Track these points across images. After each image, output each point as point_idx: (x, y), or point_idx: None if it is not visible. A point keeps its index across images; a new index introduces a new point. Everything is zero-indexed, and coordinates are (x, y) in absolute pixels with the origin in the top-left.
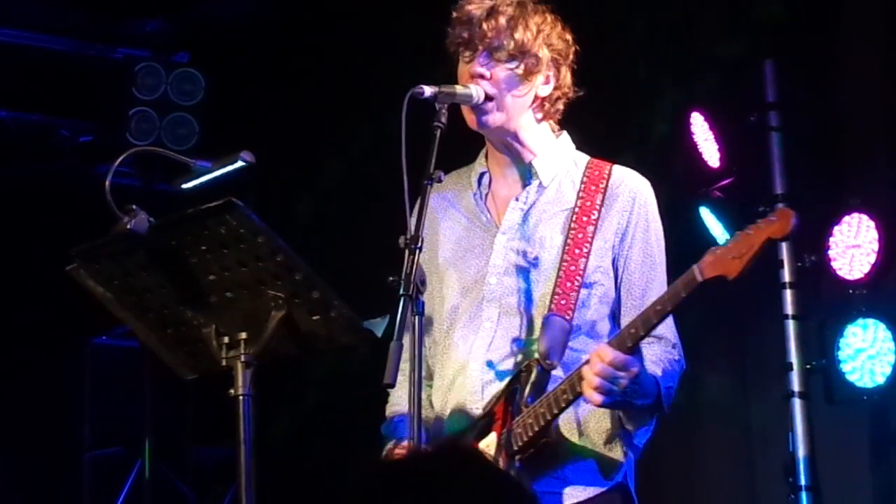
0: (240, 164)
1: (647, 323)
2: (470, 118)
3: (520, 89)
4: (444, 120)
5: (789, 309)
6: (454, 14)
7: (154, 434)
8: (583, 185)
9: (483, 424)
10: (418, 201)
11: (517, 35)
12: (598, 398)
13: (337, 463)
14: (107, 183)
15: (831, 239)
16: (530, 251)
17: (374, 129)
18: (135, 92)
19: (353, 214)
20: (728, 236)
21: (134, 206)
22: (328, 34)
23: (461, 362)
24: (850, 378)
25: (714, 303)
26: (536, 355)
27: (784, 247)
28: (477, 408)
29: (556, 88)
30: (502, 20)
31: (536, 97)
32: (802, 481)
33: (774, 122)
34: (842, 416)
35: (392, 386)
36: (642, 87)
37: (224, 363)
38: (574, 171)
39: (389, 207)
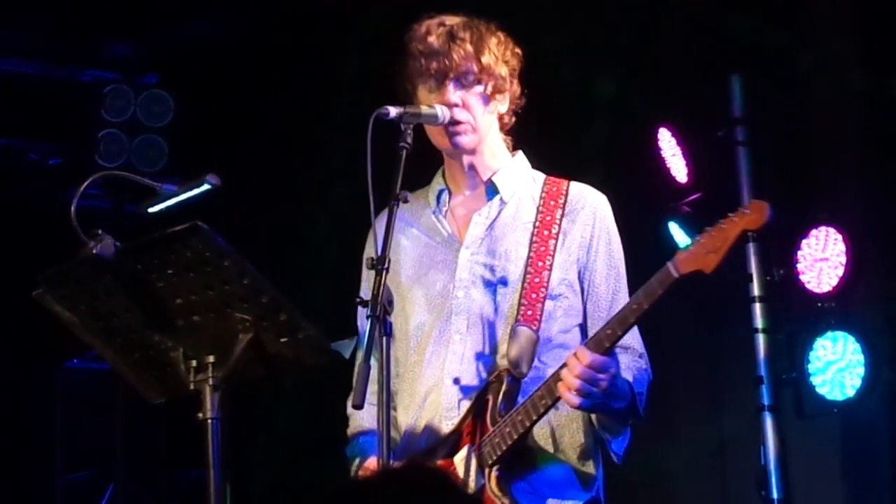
0: (206, 187)
1: (624, 322)
2: (440, 140)
3: (488, 109)
4: (409, 140)
5: (759, 322)
6: (413, 45)
7: (126, 457)
8: (542, 201)
9: (454, 440)
10: (384, 222)
11: (483, 59)
12: (576, 400)
13: (310, 485)
14: (72, 208)
15: (799, 252)
16: (496, 264)
17: (343, 149)
18: (103, 114)
19: (321, 234)
20: None
21: (100, 231)
22: (296, 55)
23: (434, 379)
24: (821, 391)
25: (684, 317)
26: (506, 365)
27: (752, 261)
28: (452, 423)
29: (510, 102)
30: (468, 47)
31: (498, 113)
32: (774, 494)
33: (741, 136)
34: (813, 428)
35: (360, 407)
36: (609, 103)
37: (192, 387)
38: (533, 187)
39: (357, 228)
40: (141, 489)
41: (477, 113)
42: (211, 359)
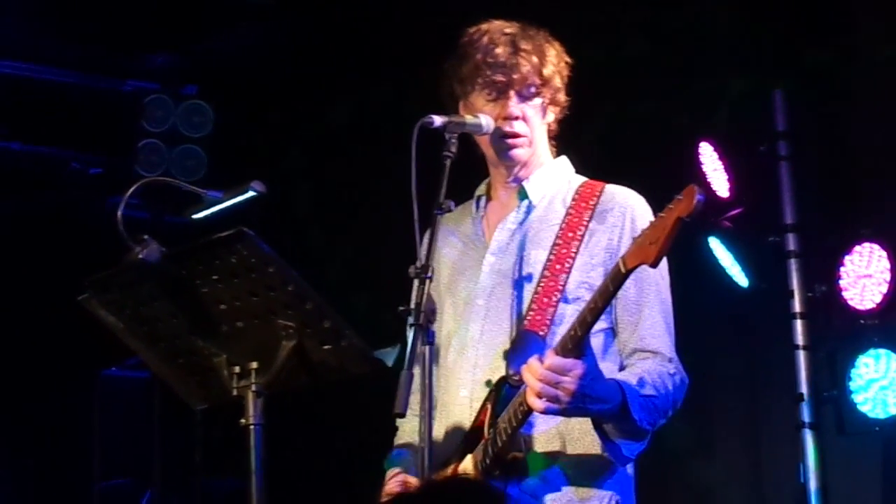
0: (251, 194)
1: (584, 323)
2: (492, 150)
3: (544, 120)
4: (454, 150)
5: (800, 339)
6: (474, 52)
7: (163, 465)
8: (573, 203)
9: (463, 447)
10: (428, 231)
11: (545, 72)
12: (540, 405)
13: (349, 493)
14: (119, 213)
15: (842, 269)
16: (516, 269)
17: (384, 159)
18: (144, 124)
19: (363, 245)
20: (738, 267)
21: (146, 237)
22: (336, 65)
23: (451, 389)
24: (862, 409)
25: (725, 333)
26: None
27: (794, 277)
28: (461, 434)
29: (560, 111)
30: (533, 59)
31: (546, 122)
32: None
33: (784, 151)
34: (853, 447)
35: (402, 415)
36: (651, 117)
37: (235, 393)
38: (567, 191)
39: (400, 238)
40: (177, 497)
41: (535, 125)
42: (254, 365)
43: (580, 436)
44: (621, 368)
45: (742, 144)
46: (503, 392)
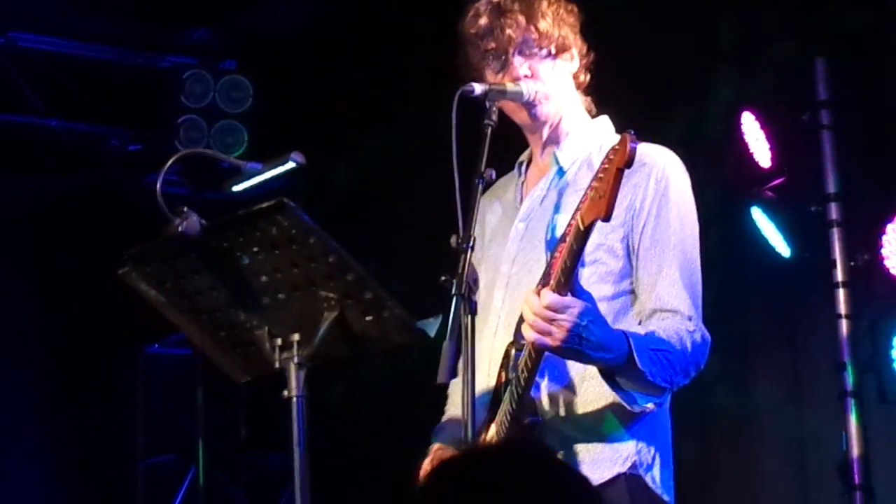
0: (291, 164)
1: (559, 282)
2: (520, 115)
3: (558, 73)
4: (494, 118)
5: (842, 308)
6: (467, 30)
7: (207, 441)
8: (602, 165)
9: (488, 417)
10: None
11: (540, 25)
12: (532, 335)
13: (392, 466)
14: (158, 186)
15: (884, 237)
16: (539, 236)
17: (424, 130)
18: (183, 100)
19: (404, 215)
20: (780, 236)
21: (185, 209)
22: (376, 39)
23: (480, 355)
24: None
25: (767, 303)
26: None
27: (836, 246)
28: (485, 403)
29: (579, 58)
30: (520, 17)
31: (571, 74)
32: (856, 480)
33: (826, 120)
34: (895, 415)
35: (445, 385)
36: (693, 87)
37: (277, 365)
38: (598, 154)
39: (441, 208)
40: (222, 473)
41: (548, 79)
42: (296, 337)
43: (593, 400)
44: None
45: (784, 114)
46: (514, 358)
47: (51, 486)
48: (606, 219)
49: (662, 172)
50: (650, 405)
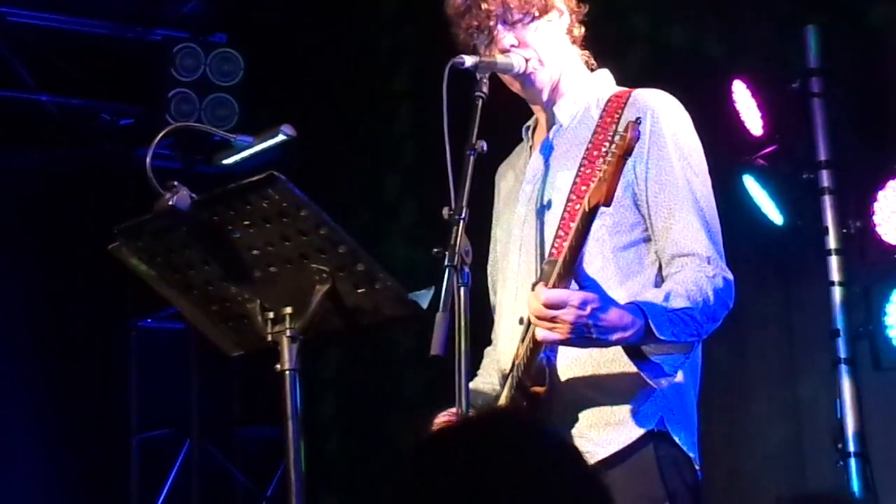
0: (281, 137)
1: (566, 264)
2: (516, 86)
3: (547, 34)
4: (485, 90)
5: (835, 275)
6: (448, 13)
7: (201, 415)
8: (601, 118)
9: (503, 384)
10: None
11: None
12: (540, 334)
13: (386, 442)
14: (148, 159)
15: (876, 204)
16: (545, 196)
17: (415, 103)
18: (174, 74)
19: (396, 188)
20: (773, 204)
21: (176, 183)
22: (367, 11)
23: (502, 321)
24: None
25: (761, 271)
26: None
27: (829, 213)
28: (505, 368)
29: (569, 13)
30: None
31: (564, 30)
32: (851, 447)
33: (817, 88)
34: (889, 381)
35: (439, 357)
36: (684, 55)
37: (269, 339)
38: (595, 108)
39: (432, 181)
40: (216, 447)
41: (538, 44)
42: (288, 310)
43: (613, 358)
44: (658, 283)
45: (775, 82)
46: (525, 328)
47: (45, 461)
48: (607, 204)
49: (653, 113)
50: (679, 375)
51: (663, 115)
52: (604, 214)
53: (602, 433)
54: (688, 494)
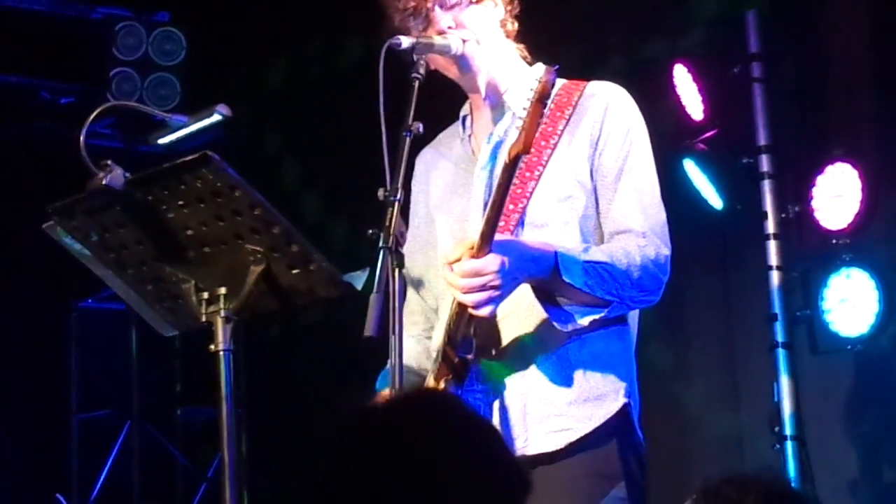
0: (216, 117)
1: (489, 221)
2: (453, 70)
3: (483, 19)
4: (422, 71)
5: (773, 260)
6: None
7: (142, 396)
8: (549, 111)
9: (446, 367)
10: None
11: None
12: (483, 312)
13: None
14: (82, 138)
15: (815, 189)
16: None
17: (359, 84)
18: (115, 52)
19: (336, 170)
20: (713, 188)
21: (109, 162)
22: None
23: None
24: (835, 328)
25: (700, 254)
26: None
27: (768, 197)
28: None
29: (504, 4)
30: None
31: (499, 21)
32: (788, 431)
33: (757, 73)
34: (826, 365)
35: (372, 338)
36: (624, 40)
37: (204, 319)
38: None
39: (370, 164)
40: (157, 428)
41: (475, 26)
42: (223, 290)
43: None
44: None
45: (716, 66)
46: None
47: None
48: (526, 152)
49: (609, 103)
50: (585, 320)
51: (620, 108)
52: (571, 199)
53: (582, 409)
54: (639, 473)
